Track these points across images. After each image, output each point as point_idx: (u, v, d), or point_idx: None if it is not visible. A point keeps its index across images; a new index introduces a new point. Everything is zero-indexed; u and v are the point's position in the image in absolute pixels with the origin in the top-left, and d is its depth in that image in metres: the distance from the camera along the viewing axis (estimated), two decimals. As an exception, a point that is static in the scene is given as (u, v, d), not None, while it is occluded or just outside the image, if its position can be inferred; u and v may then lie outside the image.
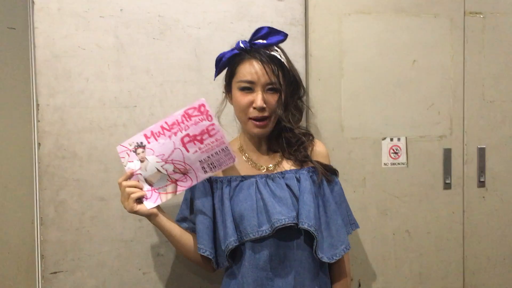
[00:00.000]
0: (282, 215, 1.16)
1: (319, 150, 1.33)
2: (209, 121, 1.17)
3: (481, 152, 1.66)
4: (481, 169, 1.66)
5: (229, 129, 1.47)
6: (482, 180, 1.66)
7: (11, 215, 1.58)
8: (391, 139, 1.61)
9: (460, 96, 1.64)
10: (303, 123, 1.42)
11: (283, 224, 1.16)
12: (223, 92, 1.33)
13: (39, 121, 1.39)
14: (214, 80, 1.34)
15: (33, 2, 1.37)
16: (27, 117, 1.49)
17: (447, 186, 1.64)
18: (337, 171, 1.34)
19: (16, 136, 1.57)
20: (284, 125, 1.25)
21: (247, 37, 1.25)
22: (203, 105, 1.17)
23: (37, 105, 1.39)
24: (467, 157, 1.66)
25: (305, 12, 1.55)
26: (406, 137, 1.61)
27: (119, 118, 1.43)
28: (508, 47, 1.67)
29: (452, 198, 1.65)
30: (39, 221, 1.40)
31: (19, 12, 1.50)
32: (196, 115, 1.17)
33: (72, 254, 1.41)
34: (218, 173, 1.26)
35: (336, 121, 1.57)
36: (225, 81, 1.30)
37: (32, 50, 1.40)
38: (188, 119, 1.17)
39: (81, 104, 1.41)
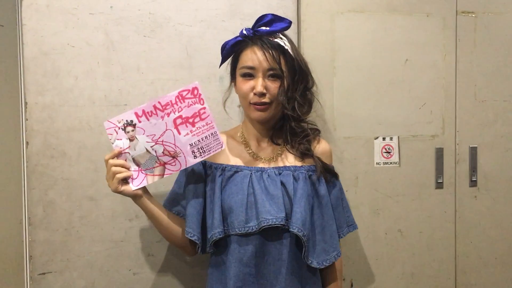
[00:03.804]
0: (271, 215, 1.15)
1: (323, 148, 1.32)
2: (201, 104, 1.17)
3: (473, 152, 1.66)
4: (473, 169, 1.66)
5: (234, 117, 1.48)
6: (474, 179, 1.66)
7: (-1, 215, 1.55)
8: (384, 139, 1.60)
9: (452, 96, 1.64)
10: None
11: (270, 225, 1.15)
12: (230, 82, 1.33)
13: (27, 119, 1.37)
14: (219, 67, 1.33)
15: (21, -1, 1.35)
16: (15, 115, 1.47)
17: (439, 185, 1.64)
18: (337, 175, 1.33)
19: (4, 134, 1.54)
20: (289, 115, 1.23)
21: (239, 35, 1.24)
22: (196, 88, 1.16)
23: (25, 103, 1.37)
24: (459, 156, 1.66)
25: (298, 10, 1.54)
26: (398, 137, 1.61)
27: (109, 116, 1.40)
28: (500, 47, 1.67)
29: (444, 198, 1.65)
30: (27, 221, 1.38)
31: (7, 8, 1.48)
32: (189, 98, 1.17)
33: (61, 255, 1.39)
34: (214, 159, 1.25)
35: (328, 120, 1.57)
36: (230, 69, 1.30)
37: (20, 47, 1.38)
38: (181, 101, 1.17)
39: (70, 102, 1.39)
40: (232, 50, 1.26)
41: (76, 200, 1.40)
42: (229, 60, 1.30)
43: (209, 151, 1.19)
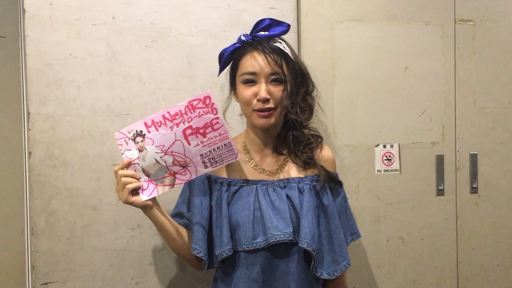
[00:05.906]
0: (278, 231, 1.13)
1: (326, 155, 1.29)
2: (214, 114, 1.13)
3: (473, 158, 1.67)
4: (474, 175, 1.67)
5: (235, 126, 1.47)
6: (474, 186, 1.67)
7: (1, 225, 1.56)
8: (384, 146, 1.61)
9: (451, 103, 1.66)
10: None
11: (278, 240, 1.13)
12: (229, 90, 1.30)
13: (30, 129, 1.37)
14: (218, 76, 1.31)
15: (24, 10, 1.36)
16: (17, 125, 1.48)
17: (440, 192, 1.65)
18: (341, 183, 1.30)
19: (7, 144, 1.55)
20: (292, 124, 1.22)
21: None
22: (208, 97, 1.13)
23: (28, 113, 1.37)
24: (459, 163, 1.66)
25: (297, 20, 1.56)
26: (399, 144, 1.62)
27: (111, 126, 1.42)
28: (498, 54, 1.69)
29: (445, 205, 1.65)
30: (29, 231, 1.38)
31: (10, 20, 1.49)
32: (200, 107, 1.13)
33: (63, 265, 1.39)
34: (219, 173, 1.23)
35: (329, 128, 1.57)
36: (230, 77, 1.27)
37: (23, 58, 1.39)
38: (192, 111, 1.13)
39: (72, 112, 1.39)
40: (230, 58, 1.24)
41: (78, 209, 1.40)
42: (228, 68, 1.27)
43: (221, 161, 1.16)
